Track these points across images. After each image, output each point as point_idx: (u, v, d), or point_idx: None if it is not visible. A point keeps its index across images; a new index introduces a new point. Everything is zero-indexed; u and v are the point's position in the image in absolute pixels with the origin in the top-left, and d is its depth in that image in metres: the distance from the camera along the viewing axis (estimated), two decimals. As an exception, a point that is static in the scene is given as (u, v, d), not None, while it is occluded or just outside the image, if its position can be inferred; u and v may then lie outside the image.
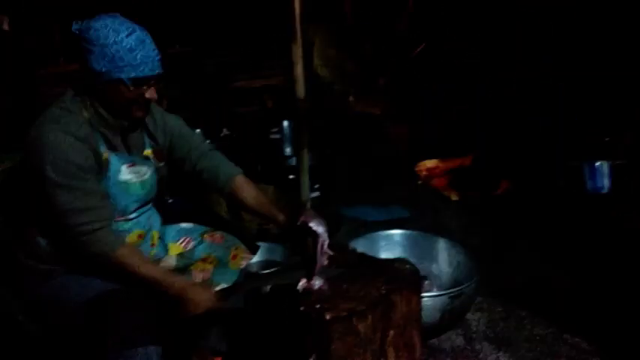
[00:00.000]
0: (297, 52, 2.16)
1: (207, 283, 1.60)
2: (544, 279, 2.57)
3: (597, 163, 2.67)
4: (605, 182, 2.73)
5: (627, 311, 2.23)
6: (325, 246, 1.49)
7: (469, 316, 2.30)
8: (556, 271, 2.62)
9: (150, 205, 1.65)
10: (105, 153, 1.45)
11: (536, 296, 2.44)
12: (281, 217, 1.65)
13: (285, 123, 3.57)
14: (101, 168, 1.43)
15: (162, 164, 1.63)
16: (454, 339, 2.18)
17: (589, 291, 2.43)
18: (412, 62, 4.53)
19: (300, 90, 2.23)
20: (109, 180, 1.46)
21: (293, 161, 2.92)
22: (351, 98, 4.46)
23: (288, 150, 3.59)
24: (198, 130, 3.15)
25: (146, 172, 1.55)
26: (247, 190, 1.68)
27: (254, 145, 3.60)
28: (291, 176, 3.29)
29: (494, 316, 2.33)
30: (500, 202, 3.36)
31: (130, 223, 1.55)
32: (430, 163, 3.91)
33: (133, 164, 1.51)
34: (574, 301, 2.38)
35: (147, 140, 1.60)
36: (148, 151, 1.59)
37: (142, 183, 1.54)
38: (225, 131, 3.46)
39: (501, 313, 2.35)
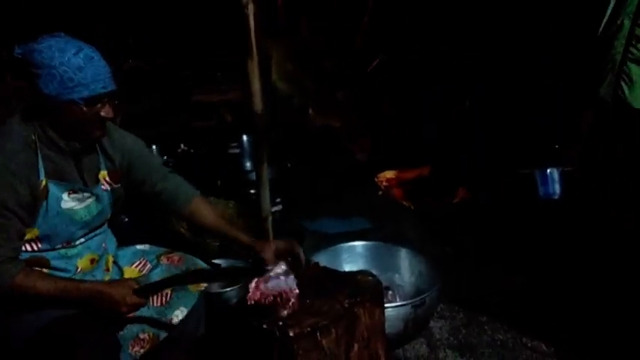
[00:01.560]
0: (254, 66, 2.17)
1: (123, 280, 1.54)
2: (502, 285, 2.64)
3: (548, 170, 2.77)
4: (557, 188, 2.83)
5: (582, 312, 2.32)
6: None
7: (432, 324, 2.33)
8: (513, 276, 2.69)
9: (103, 229, 1.59)
10: (43, 180, 1.37)
11: (496, 302, 2.50)
12: (242, 237, 1.63)
13: (245, 137, 3.54)
14: (37, 198, 1.36)
15: (118, 186, 1.58)
16: (418, 348, 2.20)
17: (546, 295, 2.52)
18: (370, 76, 4.61)
19: (258, 104, 2.24)
20: (49, 208, 1.39)
21: (253, 176, 2.89)
22: (310, 111, 4.48)
23: (248, 164, 3.56)
24: (154, 147, 3.09)
25: (90, 197, 1.48)
26: (206, 211, 1.67)
27: (213, 160, 3.55)
28: (251, 191, 3.25)
29: (456, 322, 2.37)
30: (458, 210, 3.44)
31: (78, 248, 1.48)
32: (390, 174, 3.97)
33: (74, 191, 1.44)
34: (532, 306, 2.45)
35: (103, 161, 1.53)
36: (103, 173, 1.53)
37: (87, 208, 1.48)
38: (182, 146, 3.40)
39: (463, 319, 2.39)
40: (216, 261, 2.37)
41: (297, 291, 1.45)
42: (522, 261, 2.78)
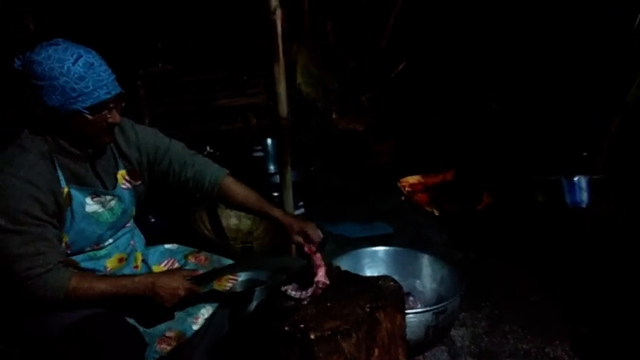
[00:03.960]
0: (280, 71, 2.20)
1: (174, 270, 1.56)
2: (525, 293, 2.60)
3: (576, 178, 2.72)
4: (584, 196, 2.78)
5: (608, 322, 2.26)
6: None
7: (453, 331, 2.31)
8: (537, 284, 2.65)
9: (130, 226, 1.61)
10: (65, 188, 1.38)
11: (519, 310, 2.47)
12: (276, 213, 1.63)
13: (269, 140, 3.58)
14: (61, 206, 1.37)
15: (139, 183, 1.58)
16: (439, 355, 2.19)
17: (570, 304, 2.47)
18: (394, 79, 4.61)
19: (283, 108, 2.27)
20: (74, 214, 1.40)
21: (277, 179, 2.92)
22: (334, 115, 4.50)
23: (271, 167, 3.59)
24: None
25: (112, 200, 1.50)
26: (236, 189, 1.65)
27: (237, 163, 3.60)
28: (275, 194, 3.29)
29: (478, 331, 2.35)
30: (482, 216, 3.40)
31: (107, 249, 1.51)
32: (413, 179, 3.95)
33: (96, 195, 1.45)
34: (556, 314, 2.41)
35: (119, 162, 1.54)
36: (121, 172, 1.54)
37: (111, 211, 1.49)
38: (208, 149, 3.45)
39: (485, 327, 2.36)
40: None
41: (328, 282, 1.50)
42: (547, 269, 2.73)
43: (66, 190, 1.38)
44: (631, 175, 2.22)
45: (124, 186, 1.54)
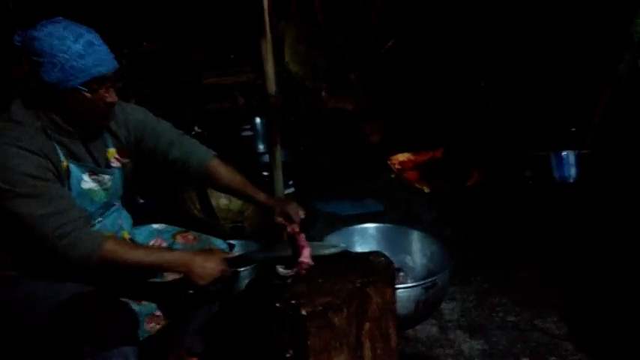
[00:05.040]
0: (267, 48, 2.16)
1: (211, 250, 1.57)
2: (514, 267, 2.64)
3: (564, 153, 2.73)
4: (572, 171, 2.80)
5: (596, 297, 2.31)
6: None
7: (443, 305, 2.34)
8: (525, 259, 2.69)
9: (117, 206, 1.61)
10: (64, 162, 1.39)
11: (507, 284, 2.51)
12: (260, 196, 1.65)
13: (258, 120, 3.54)
14: (61, 177, 1.37)
15: (127, 161, 1.58)
16: (429, 329, 2.22)
17: (558, 278, 2.51)
18: (383, 57, 4.56)
19: (271, 86, 2.24)
20: (71, 188, 1.41)
21: (266, 158, 2.90)
22: (323, 94, 4.47)
23: (261, 147, 3.56)
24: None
25: (108, 179, 1.50)
26: (222, 172, 1.66)
27: (226, 143, 3.56)
28: (265, 173, 3.27)
29: (467, 304, 2.38)
30: (472, 193, 3.43)
31: (96, 227, 1.50)
32: (402, 157, 3.96)
33: (94, 173, 1.46)
34: (544, 288, 2.45)
35: (109, 139, 1.54)
36: (111, 151, 1.54)
37: (106, 190, 1.50)
38: (196, 129, 3.41)
39: (474, 301, 2.40)
40: (229, 242, 2.40)
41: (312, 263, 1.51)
42: (535, 244, 2.77)
43: (65, 164, 1.39)
44: (619, 149, 2.24)
45: (114, 164, 1.55)
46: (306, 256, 1.50)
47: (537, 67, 3.41)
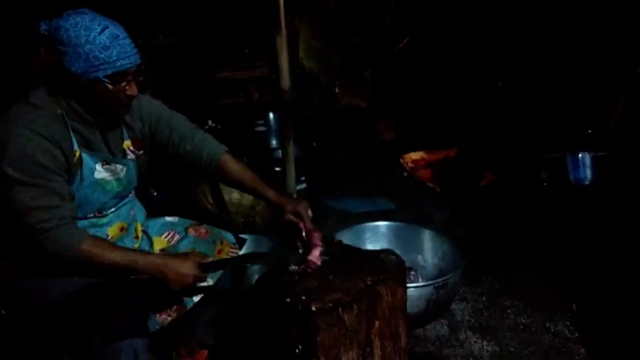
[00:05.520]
0: (282, 43, 2.16)
1: (187, 254, 1.55)
2: (526, 268, 2.61)
3: (580, 155, 2.70)
4: (588, 173, 2.76)
5: (609, 300, 2.27)
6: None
7: (454, 305, 2.33)
8: (539, 260, 2.66)
9: (131, 197, 1.62)
10: (77, 151, 1.40)
11: (519, 285, 2.48)
12: (270, 193, 1.64)
13: (271, 115, 3.55)
14: (72, 167, 1.39)
15: (141, 152, 1.60)
16: (439, 329, 2.21)
17: (572, 280, 2.48)
18: (397, 55, 4.54)
19: (285, 81, 2.24)
20: (83, 178, 1.42)
21: (279, 153, 2.91)
22: (337, 90, 4.46)
23: (274, 142, 3.58)
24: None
25: (122, 169, 1.51)
26: (232, 167, 1.66)
27: (240, 137, 3.58)
28: (277, 168, 3.28)
29: (478, 305, 2.36)
30: (485, 193, 3.39)
31: (108, 217, 1.52)
32: (415, 155, 3.93)
33: (107, 162, 1.47)
34: (556, 290, 2.42)
35: (125, 131, 1.55)
36: (127, 143, 1.55)
37: (119, 180, 1.51)
38: (210, 123, 3.43)
39: (485, 302, 2.38)
40: (241, 236, 2.41)
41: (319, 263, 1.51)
42: (548, 246, 2.74)
43: (78, 153, 1.40)
44: (636, 152, 2.20)
45: (129, 156, 1.56)
46: (315, 256, 1.50)
47: (554, 68, 3.37)
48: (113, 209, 1.53)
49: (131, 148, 1.56)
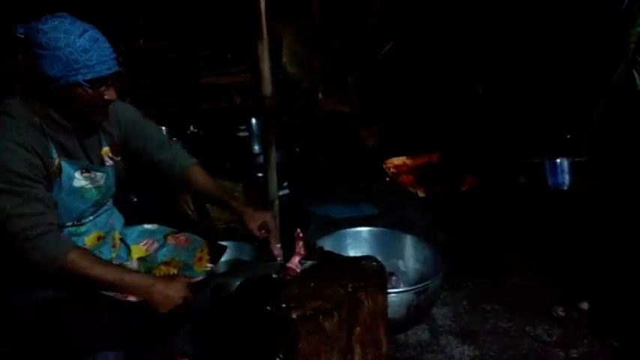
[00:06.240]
0: (264, 49, 2.16)
1: (174, 276, 1.57)
2: (508, 273, 2.64)
3: (558, 160, 2.74)
4: (566, 178, 2.80)
5: (589, 303, 2.31)
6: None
7: (435, 310, 2.34)
8: (519, 265, 2.69)
9: (109, 205, 1.60)
10: (56, 159, 1.38)
11: (500, 290, 2.51)
12: (234, 203, 1.67)
13: (254, 120, 3.53)
14: (51, 175, 1.37)
15: (119, 158, 1.59)
16: (420, 334, 2.22)
17: (550, 284, 2.52)
18: (380, 61, 4.57)
19: (267, 87, 2.23)
20: (61, 186, 1.40)
21: (261, 159, 2.90)
22: (320, 96, 4.47)
23: (256, 147, 3.56)
24: (163, 128, 3.10)
25: (101, 177, 1.50)
26: (200, 178, 1.69)
27: (222, 143, 3.56)
28: (260, 174, 3.27)
29: (458, 310, 2.38)
30: (466, 198, 3.43)
31: (87, 225, 1.50)
32: (398, 161, 3.95)
33: (86, 170, 1.46)
34: (537, 295, 2.45)
35: (103, 137, 1.54)
36: (105, 149, 1.54)
37: (98, 188, 1.50)
38: (191, 128, 3.40)
39: (466, 306, 2.40)
40: (222, 243, 2.39)
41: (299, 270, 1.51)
42: (528, 251, 2.78)
43: (57, 161, 1.38)
44: (613, 157, 2.24)
45: (108, 163, 1.55)
46: (294, 264, 1.50)
47: (534, 76, 3.42)
48: (91, 217, 1.52)
49: (109, 154, 1.55)
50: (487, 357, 2.08)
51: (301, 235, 1.57)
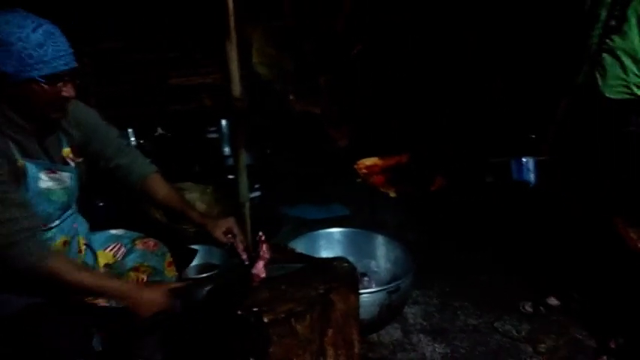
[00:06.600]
0: (232, 49, 2.12)
1: (156, 282, 1.53)
2: (477, 271, 2.69)
3: (523, 159, 2.80)
4: (531, 177, 2.87)
5: (557, 299, 2.37)
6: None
7: (407, 309, 2.36)
8: (487, 262, 2.75)
9: (73, 210, 1.56)
10: (19, 161, 1.34)
11: (470, 288, 2.55)
12: (192, 214, 1.62)
13: (224, 122, 3.50)
14: (18, 176, 1.32)
15: (80, 160, 1.55)
16: (392, 333, 2.24)
17: (519, 281, 2.57)
18: (351, 62, 4.59)
19: (236, 88, 2.19)
20: (27, 188, 1.35)
21: (232, 161, 2.87)
22: (291, 97, 4.45)
23: (226, 149, 3.53)
24: (129, 130, 3.03)
25: (68, 177, 1.46)
26: (160, 187, 1.64)
27: (191, 145, 3.50)
28: (230, 176, 3.23)
29: (430, 308, 2.41)
30: (436, 198, 3.48)
31: (53, 231, 1.45)
32: (369, 161, 3.98)
33: (52, 171, 1.41)
34: (505, 292, 2.51)
35: (63, 138, 1.50)
36: (66, 150, 1.50)
37: (65, 190, 1.45)
38: (159, 130, 3.34)
39: (437, 305, 2.44)
40: (192, 247, 2.36)
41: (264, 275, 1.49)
42: (496, 248, 2.84)
43: (21, 162, 1.33)
44: (576, 156, 2.31)
45: (71, 164, 1.50)
46: (258, 269, 1.48)
47: (499, 79, 3.51)
48: (57, 222, 1.47)
49: (71, 156, 1.51)
50: (458, 354, 2.11)
51: (263, 238, 1.54)
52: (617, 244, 2.02)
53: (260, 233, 1.55)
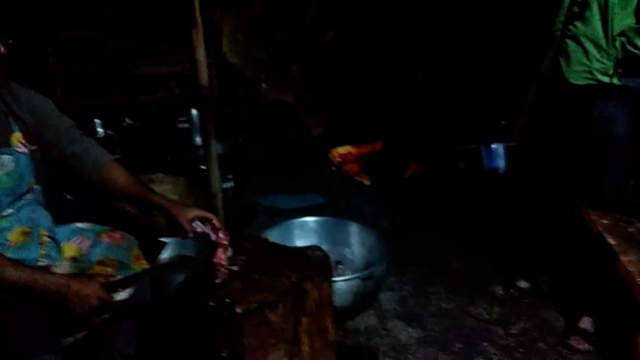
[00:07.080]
0: (198, 36, 2.08)
1: (92, 275, 1.44)
2: (450, 257, 2.73)
3: (493, 146, 2.85)
4: (501, 163, 2.92)
5: (527, 282, 2.42)
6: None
7: (381, 295, 2.38)
8: (461, 248, 2.79)
9: (31, 198, 1.49)
10: None
11: (443, 273, 2.59)
12: (157, 200, 1.53)
13: (194, 111, 3.43)
14: None
15: (35, 147, 1.47)
16: (367, 319, 2.25)
17: (490, 265, 2.62)
18: (324, 49, 4.56)
19: (204, 76, 2.16)
20: None
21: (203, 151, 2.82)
22: (263, 86, 4.41)
23: (198, 139, 3.46)
24: (96, 121, 2.94)
25: (9, 161, 1.39)
26: (117, 176, 1.55)
27: (162, 135, 3.43)
28: (202, 167, 3.18)
29: (404, 294, 2.44)
30: (409, 184, 3.51)
31: (9, 220, 1.40)
32: (343, 150, 3.99)
33: None
34: (477, 277, 2.55)
35: (13, 123, 1.43)
36: (17, 135, 1.43)
37: (8, 175, 1.38)
38: (128, 121, 3.26)
39: (410, 290, 2.46)
40: (162, 239, 2.31)
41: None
42: (469, 234, 2.88)
43: None
44: (544, 141, 2.36)
45: (19, 149, 1.43)
46: (219, 257, 1.43)
47: (470, 66, 3.54)
48: (10, 210, 1.40)
49: (22, 141, 1.43)
50: (431, 338, 2.14)
51: (218, 225, 1.47)
52: (580, 226, 2.07)
53: (211, 218, 1.48)
